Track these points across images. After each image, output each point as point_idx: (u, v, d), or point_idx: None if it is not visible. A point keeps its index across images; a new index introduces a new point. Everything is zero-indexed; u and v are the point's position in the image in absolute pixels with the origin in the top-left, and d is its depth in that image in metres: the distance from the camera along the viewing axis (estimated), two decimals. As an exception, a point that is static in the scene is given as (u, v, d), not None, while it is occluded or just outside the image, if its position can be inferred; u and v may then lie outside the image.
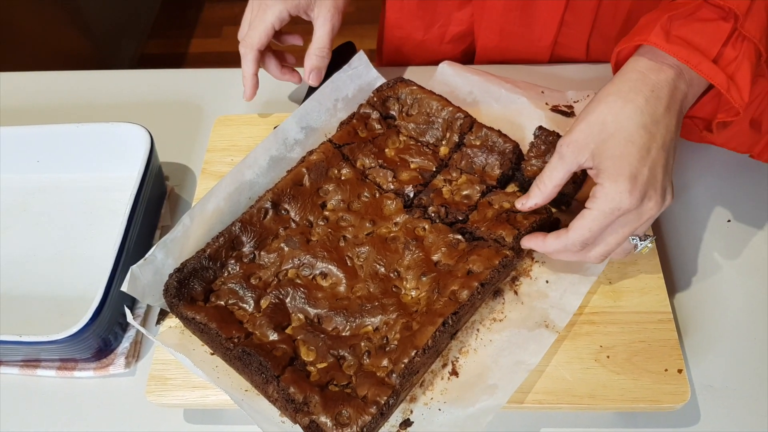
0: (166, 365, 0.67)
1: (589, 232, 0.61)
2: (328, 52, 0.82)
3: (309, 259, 0.70)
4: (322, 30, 0.81)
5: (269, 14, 0.79)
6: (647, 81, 0.60)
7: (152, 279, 0.67)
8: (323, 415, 0.58)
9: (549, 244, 0.64)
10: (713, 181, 0.83)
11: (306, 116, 0.81)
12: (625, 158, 0.59)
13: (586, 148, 0.61)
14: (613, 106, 0.60)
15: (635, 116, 0.59)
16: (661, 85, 0.60)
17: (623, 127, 0.59)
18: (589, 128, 0.61)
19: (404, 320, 0.64)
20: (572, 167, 0.62)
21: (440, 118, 0.79)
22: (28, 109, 1.00)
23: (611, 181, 0.59)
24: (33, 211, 0.86)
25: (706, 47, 0.60)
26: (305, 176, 0.75)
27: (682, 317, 0.72)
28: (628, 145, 0.59)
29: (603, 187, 0.59)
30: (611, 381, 0.63)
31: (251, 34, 0.80)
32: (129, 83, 1.03)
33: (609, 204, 0.59)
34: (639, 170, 0.59)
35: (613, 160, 0.59)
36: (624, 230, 0.62)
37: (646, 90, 0.60)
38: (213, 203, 0.72)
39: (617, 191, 0.59)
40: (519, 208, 0.68)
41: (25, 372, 0.73)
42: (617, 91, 0.61)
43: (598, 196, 0.60)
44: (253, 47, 0.81)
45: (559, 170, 0.63)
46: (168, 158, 0.91)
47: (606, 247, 0.63)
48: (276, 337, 0.64)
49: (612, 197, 0.59)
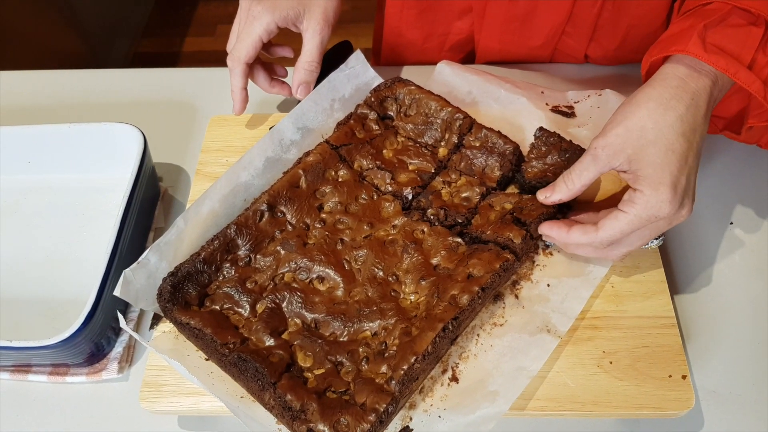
0: (160, 371, 0.66)
1: (620, 234, 0.61)
2: (317, 66, 0.81)
3: (306, 263, 0.69)
4: (311, 43, 0.80)
5: (257, 26, 0.78)
6: (688, 88, 0.60)
7: (145, 283, 0.66)
8: (321, 423, 0.56)
9: (573, 236, 0.64)
10: (716, 184, 0.82)
11: (302, 117, 0.79)
12: (666, 167, 0.58)
13: (623, 153, 0.60)
14: (654, 113, 0.60)
15: (676, 125, 0.59)
16: (700, 93, 0.60)
17: (664, 135, 0.59)
18: (627, 133, 0.60)
19: (403, 325, 0.63)
20: (604, 169, 0.62)
21: (439, 119, 0.78)
22: (19, 109, 0.98)
23: (652, 189, 0.59)
24: (24, 212, 0.85)
25: (740, 54, 0.60)
26: (302, 178, 0.74)
27: (684, 322, 0.71)
28: (668, 154, 0.59)
29: (643, 194, 0.59)
30: (614, 387, 0.62)
31: (238, 47, 0.79)
32: (122, 82, 1.01)
33: (648, 211, 0.59)
34: (678, 179, 0.59)
35: (654, 168, 0.59)
36: (652, 233, 0.62)
37: (687, 98, 0.60)
38: (207, 205, 0.71)
39: (658, 200, 0.59)
40: (541, 200, 0.67)
41: (16, 377, 0.72)
42: (658, 97, 0.60)
43: (637, 202, 0.59)
44: (240, 60, 0.79)
45: (590, 171, 0.63)
46: (161, 159, 0.89)
47: (630, 248, 0.63)
48: (272, 343, 0.63)
49: (652, 205, 0.59)
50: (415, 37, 0.98)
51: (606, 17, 0.87)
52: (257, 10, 0.78)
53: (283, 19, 0.78)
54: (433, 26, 0.96)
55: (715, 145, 0.85)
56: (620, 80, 0.93)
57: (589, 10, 0.86)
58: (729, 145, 0.85)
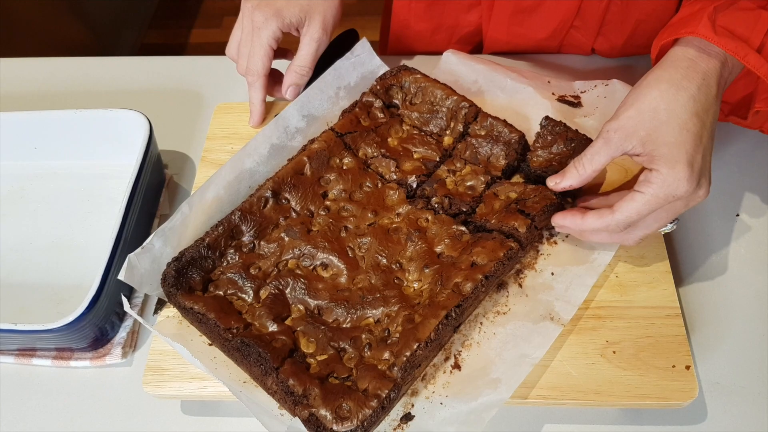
0: (163, 356, 0.66)
1: (638, 215, 0.60)
2: (309, 71, 0.82)
3: (310, 250, 0.69)
4: (307, 49, 0.81)
5: (264, 36, 0.79)
6: (698, 69, 0.60)
7: (150, 268, 0.66)
8: (323, 408, 0.57)
9: (589, 222, 0.63)
10: (722, 176, 0.81)
11: (307, 104, 0.79)
12: (681, 145, 0.58)
13: (635, 135, 0.60)
14: (666, 94, 0.59)
15: (689, 104, 0.59)
16: (710, 74, 0.60)
17: (677, 115, 0.59)
18: (639, 115, 0.60)
19: (406, 312, 0.63)
20: (616, 153, 0.62)
21: (444, 107, 0.78)
22: (25, 96, 0.98)
23: (669, 167, 0.58)
24: (30, 198, 0.85)
25: (749, 37, 0.60)
26: (306, 165, 0.74)
27: (688, 312, 0.71)
28: (683, 133, 0.58)
29: (660, 173, 0.59)
30: (617, 377, 0.62)
31: (254, 61, 0.80)
32: (128, 70, 1.01)
33: (665, 190, 0.59)
34: (695, 157, 0.58)
35: (669, 147, 0.58)
36: (669, 215, 0.61)
37: (698, 78, 0.59)
38: (212, 191, 0.71)
39: (675, 178, 0.58)
40: (551, 187, 0.67)
41: (20, 361, 0.72)
42: (669, 79, 0.60)
43: (654, 181, 0.59)
44: (260, 74, 0.81)
45: (602, 155, 0.62)
46: (167, 146, 0.89)
47: (647, 231, 0.63)
48: (275, 329, 0.63)
49: (669, 183, 0.58)
50: (423, 29, 0.97)
51: (614, 12, 0.86)
52: (260, 19, 0.78)
53: (287, 25, 0.79)
54: (442, 18, 0.96)
55: (722, 136, 0.84)
56: (628, 71, 0.92)
57: (598, 5, 0.85)
58: (736, 135, 0.84)
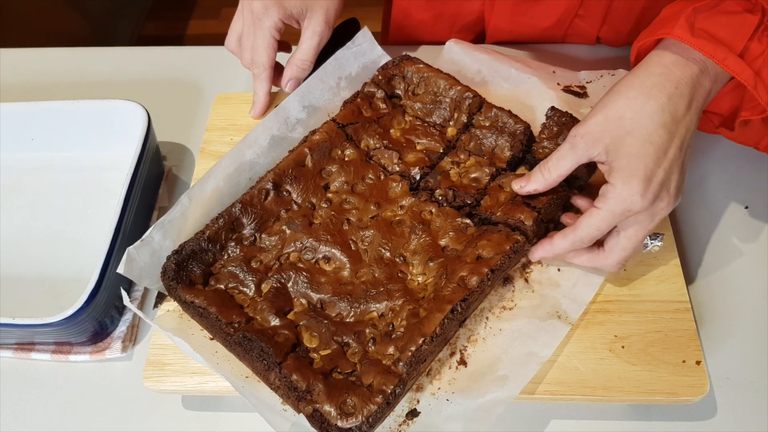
0: (163, 350, 0.65)
1: (598, 230, 0.60)
2: (310, 65, 0.81)
3: (312, 243, 0.67)
4: (308, 42, 0.79)
5: (266, 26, 0.77)
6: (671, 77, 0.57)
7: (149, 261, 0.65)
8: (327, 404, 0.55)
9: (557, 244, 0.62)
10: (731, 168, 0.80)
11: (308, 95, 0.78)
12: (641, 158, 0.57)
13: (600, 142, 0.58)
14: (634, 102, 0.57)
15: (656, 115, 0.57)
16: (685, 82, 0.57)
17: (642, 126, 0.57)
18: (606, 122, 0.58)
19: (411, 307, 0.62)
20: (582, 159, 0.60)
21: (448, 98, 0.76)
22: (22, 86, 0.97)
23: (623, 182, 0.57)
24: (27, 190, 0.83)
25: (731, 41, 0.57)
26: (308, 157, 0.72)
27: (697, 307, 0.70)
28: (645, 145, 0.57)
29: (614, 188, 0.57)
30: (626, 372, 0.61)
31: (259, 53, 0.79)
32: (126, 61, 1.00)
33: (620, 205, 0.57)
34: (654, 172, 0.57)
35: (629, 159, 0.57)
36: (638, 233, 0.60)
37: (669, 87, 0.57)
38: (212, 183, 0.70)
39: (629, 193, 0.57)
40: (516, 190, 0.66)
41: (19, 355, 0.71)
42: (640, 86, 0.58)
43: (609, 197, 0.58)
44: (265, 66, 0.80)
45: (567, 160, 0.61)
46: (165, 138, 0.88)
47: (623, 253, 0.61)
48: (277, 323, 0.62)
49: (623, 198, 0.57)
50: (425, 17, 0.96)
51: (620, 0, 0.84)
52: (260, 9, 0.77)
53: (288, 16, 0.78)
54: (443, 7, 0.94)
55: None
56: (633, 62, 0.91)
57: None
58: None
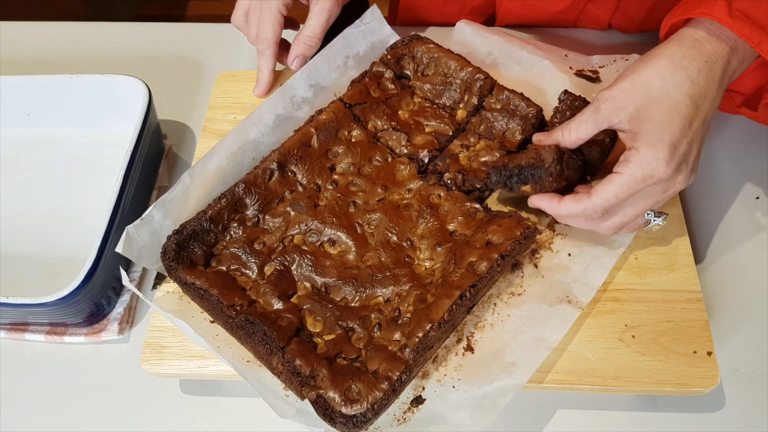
0: (162, 333, 0.63)
1: (615, 198, 0.57)
2: (318, 42, 0.78)
3: (317, 225, 0.66)
4: (317, 18, 0.77)
5: (273, 2, 0.75)
6: (703, 50, 0.56)
7: (149, 240, 0.63)
8: (331, 390, 0.54)
9: (565, 207, 0.60)
10: (742, 157, 0.79)
11: (315, 73, 0.76)
12: (667, 125, 0.55)
13: (624, 110, 0.57)
14: (663, 71, 0.56)
15: (685, 85, 0.56)
16: (715, 57, 0.56)
17: (670, 94, 0.56)
18: (633, 88, 0.57)
19: (418, 292, 0.60)
20: (603, 125, 0.59)
21: (458, 79, 0.74)
22: (20, 61, 0.95)
23: (649, 146, 0.55)
24: (23, 167, 0.81)
25: (767, 23, 0.56)
26: (314, 137, 0.70)
27: (706, 297, 0.68)
28: (672, 113, 0.55)
29: (639, 152, 0.56)
30: (637, 362, 0.59)
31: (264, 28, 0.77)
32: (126, 36, 0.98)
33: (643, 170, 0.56)
34: (680, 141, 0.55)
35: (654, 125, 0.55)
36: (646, 201, 0.58)
37: (700, 59, 0.56)
38: (215, 162, 0.68)
39: (654, 157, 0.55)
40: (535, 142, 0.65)
41: (12, 336, 0.69)
42: (670, 55, 0.57)
43: (632, 160, 0.56)
44: (270, 42, 0.77)
45: (589, 123, 0.60)
46: (166, 116, 0.86)
47: (623, 219, 0.60)
48: (281, 306, 0.60)
49: (648, 162, 0.55)
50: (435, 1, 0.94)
51: None
52: None
53: None
54: None
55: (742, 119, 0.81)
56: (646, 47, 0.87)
57: None
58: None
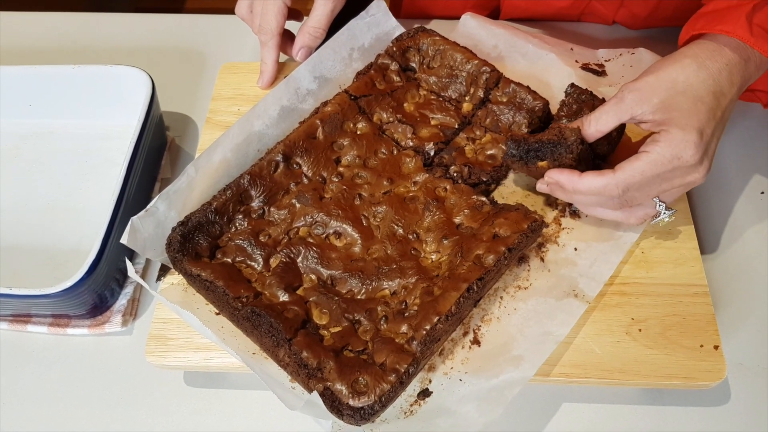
0: (167, 324, 0.63)
1: (641, 175, 0.57)
2: (322, 33, 0.78)
3: (322, 217, 0.65)
4: (322, 9, 0.77)
5: None
6: (724, 54, 0.59)
7: (153, 232, 0.63)
8: (339, 382, 0.54)
9: (586, 181, 0.59)
10: (748, 152, 0.79)
11: (320, 65, 0.76)
12: (694, 113, 0.57)
13: (648, 101, 0.58)
14: (688, 69, 0.58)
15: (707, 82, 0.58)
16: (735, 62, 0.59)
17: (694, 88, 0.57)
18: (657, 82, 0.58)
19: (424, 285, 0.60)
20: (625, 117, 0.59)
21: (464, 72, 0.74)
22: (21, 51, 0.94)
23: (679, 128, 0.56)
24: (25, 158, 0.81)
25: None
26: (319, 129, 0.70)
27: (712, 292, 0.68)
28: (697, 104, 0.57)
29: (669, 133, 0.57)
30: (643, 355, 0.59)
31: (268, 19, 0.76)
32: (128, 27, 0.97)
33: (672, 150, 0.56)
34: (705, 127, 0.57)
35: (682, 113, 0.57)
36: (664, 187, 0.59)
37: (721, 62, 0.58)
38: (219, 154, 0.67)
39: (684, 140, 0.56)
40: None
41: (14, 327, 0.69)
42: (694, 56, 0.59)
43: (661, 140, 0.57)
44: (273, 33, 0.77)
45: (611, 114, 0.60)
46: (169, 107, 0.85)
47: (640, 199, 0.60)
48: (287, 298, 0.60)
49: (677, 144, 0.56)
50: None
51: None
52: None
53: None
54: None
55: (746, 113, 0.81)
56: (651, 43, 0.88)
57: None
58: (760, 113, 0.81)
